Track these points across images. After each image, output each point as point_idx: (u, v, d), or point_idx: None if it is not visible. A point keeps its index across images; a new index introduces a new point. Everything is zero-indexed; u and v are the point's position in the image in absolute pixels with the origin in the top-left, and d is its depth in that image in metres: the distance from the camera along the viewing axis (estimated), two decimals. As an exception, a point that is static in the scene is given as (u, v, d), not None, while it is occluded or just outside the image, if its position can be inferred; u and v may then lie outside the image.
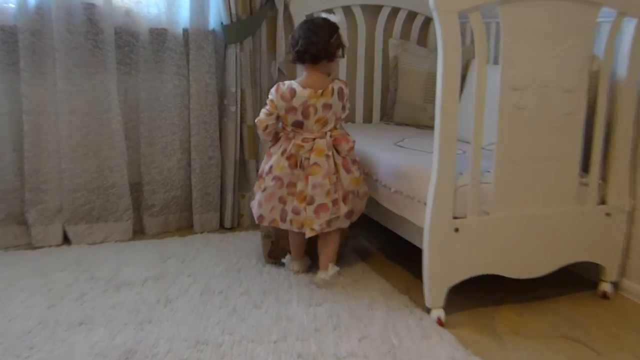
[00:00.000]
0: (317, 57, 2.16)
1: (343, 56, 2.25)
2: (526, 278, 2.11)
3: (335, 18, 2.23)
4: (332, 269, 2.24)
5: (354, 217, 2.28)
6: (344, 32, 2.19)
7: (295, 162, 2.18)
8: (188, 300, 2.12)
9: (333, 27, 2.18)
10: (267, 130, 2.23)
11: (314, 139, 2.17)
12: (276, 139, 2.26)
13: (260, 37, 2.89)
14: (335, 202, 2.18)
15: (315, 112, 2.16)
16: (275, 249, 2.44)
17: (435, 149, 1.92)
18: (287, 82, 2.20)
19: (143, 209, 2.84)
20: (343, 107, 2.20)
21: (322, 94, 2.15)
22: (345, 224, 2.25)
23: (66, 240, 2.70)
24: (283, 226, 2.24)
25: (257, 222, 2.30)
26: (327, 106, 2.16)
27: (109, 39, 2.62)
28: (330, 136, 2.18)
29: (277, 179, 2.19)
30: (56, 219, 2.67)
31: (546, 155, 2.05)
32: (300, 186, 2.19)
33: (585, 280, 2.34)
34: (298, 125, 2.19)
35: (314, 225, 2.17)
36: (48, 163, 2.62)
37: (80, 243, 2.67)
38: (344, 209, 2.19)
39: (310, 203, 2.17)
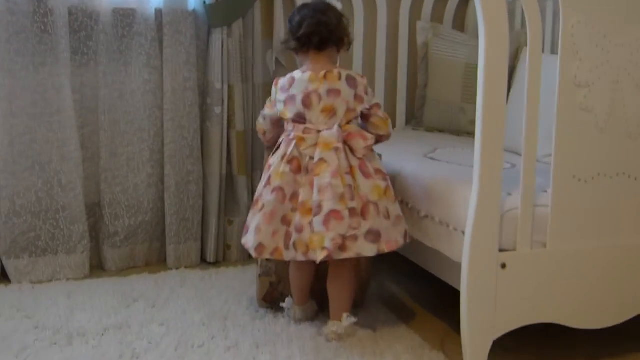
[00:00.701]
0: (328, 39, 2.22)
1: (348, 48, 2.34)
2: (594, 328, 2.10)
3: (338, 5, 2.35)
4: (347, 320, 2.21)
5: (382, 246, 2.15)
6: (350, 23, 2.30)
7: (298, 165, 2.16)
8: (160, 355, 2.11)
9: (339, 12, 2.29)
10: (267, 137, 2.35)
11: (318, 131, 2.16)
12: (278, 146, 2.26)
13: (252, 19, 2.91)
14: (352, 211, 2.10)
15: (320, 99, 2.17)
16: (274, 292, 2.43)
17: (476, 162, 1.92)
18: (287, 75, 2.26)
19: (103, 238, 2.85)
20: (357, 97, 2.19)
21: (325, 76, 2.17)
22: (369, 250, 2.12)
23: (4, 277, 2.70)
24: (287, 256, 2.16)
25: (255, 255, 2.21)
26: (334, 92, 2.17)
27: (62, 22, 2.64)
28: (340, 126, 2.17)
29: (278, 190, 2.15)
30: (-8, 250, 2.68)
31: (619, 170, 2.04)
32: (303, 195, 2.14)
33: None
34: (299, 119, 2.19)
35: (324, 242, 2.09)
36: (-18, 179, 2.64)
37: (21, 281, 2.68)
38: (364, 225, 2.11)
39: (317, 213, 2.10)
